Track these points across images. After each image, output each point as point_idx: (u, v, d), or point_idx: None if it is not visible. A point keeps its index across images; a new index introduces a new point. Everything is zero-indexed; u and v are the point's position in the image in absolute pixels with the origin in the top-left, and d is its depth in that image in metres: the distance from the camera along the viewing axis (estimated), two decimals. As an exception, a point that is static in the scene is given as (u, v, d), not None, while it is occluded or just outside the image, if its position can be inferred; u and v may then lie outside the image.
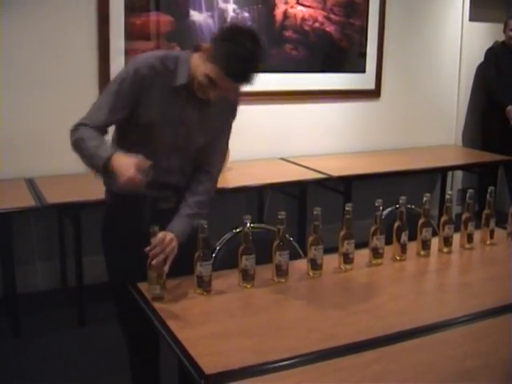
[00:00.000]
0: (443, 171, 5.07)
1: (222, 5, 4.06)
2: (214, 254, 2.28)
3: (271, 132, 4.42)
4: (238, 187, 3.80)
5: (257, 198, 4.40)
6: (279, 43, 4.31)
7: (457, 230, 2.49)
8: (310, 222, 2.23)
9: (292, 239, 2.40)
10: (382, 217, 2.32)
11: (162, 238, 1.99)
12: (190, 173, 2.24)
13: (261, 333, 1.80)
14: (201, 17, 3.98)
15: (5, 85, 3.53)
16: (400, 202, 2.34)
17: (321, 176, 3.99)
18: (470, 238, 2.50)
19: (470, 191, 2.48)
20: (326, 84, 4.55)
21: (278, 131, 4.45)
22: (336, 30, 4.50)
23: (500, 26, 5.15)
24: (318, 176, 3.99)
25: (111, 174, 1.93)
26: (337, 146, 4.68)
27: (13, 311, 3.33)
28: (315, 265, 2.19)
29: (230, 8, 4.09)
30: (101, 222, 2.30)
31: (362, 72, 4.70)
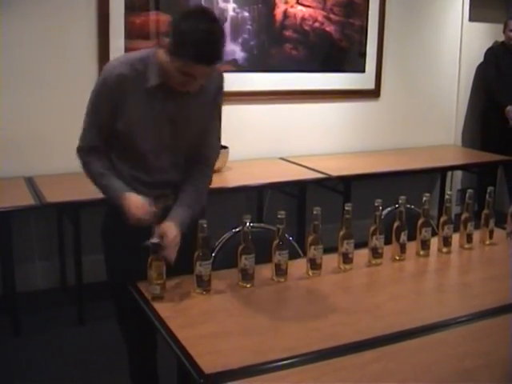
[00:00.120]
0: (443, 171, 5.06)
1: (221, 4, 4.06)
2: (213, 254, 2.28)
3: (271, 132, 4.42)
4: (238, 187, 3.80)
5: (256, 198, 4.40)
6: (279, 43, 4.31)
7: (456, 230, 2.49)
8: (309, 221, 2.23)
9: (291, 239, 2.40)
10: (382, 217, 2.32)
11: (172, 238, 2.00)
12: (185, 167, 2.23)
13: (260, 332, 1.80)
14: (201, 16, 3.97)
15: (5, 85, 3.53)
16: (399, 201, 2.33)
17: (320, 176, 3.99)
18: (469, 238, 2.50)
19: (470, 191, 2.47)
20: (325, 84, 4.55)
21: (278, 131, 4.45)
22: (336, 29, 4.50)
23: (500, 27, 5.16)
24: (318, 176, 3.99)
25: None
26: (336, 145, 4.68)
27: (12, 310, 3.33)
28: (315, 264, 2.19)
29: (230, 7, 4.09)
30: (101, 220, 2.31)
31: (362, 72, 4.70)
